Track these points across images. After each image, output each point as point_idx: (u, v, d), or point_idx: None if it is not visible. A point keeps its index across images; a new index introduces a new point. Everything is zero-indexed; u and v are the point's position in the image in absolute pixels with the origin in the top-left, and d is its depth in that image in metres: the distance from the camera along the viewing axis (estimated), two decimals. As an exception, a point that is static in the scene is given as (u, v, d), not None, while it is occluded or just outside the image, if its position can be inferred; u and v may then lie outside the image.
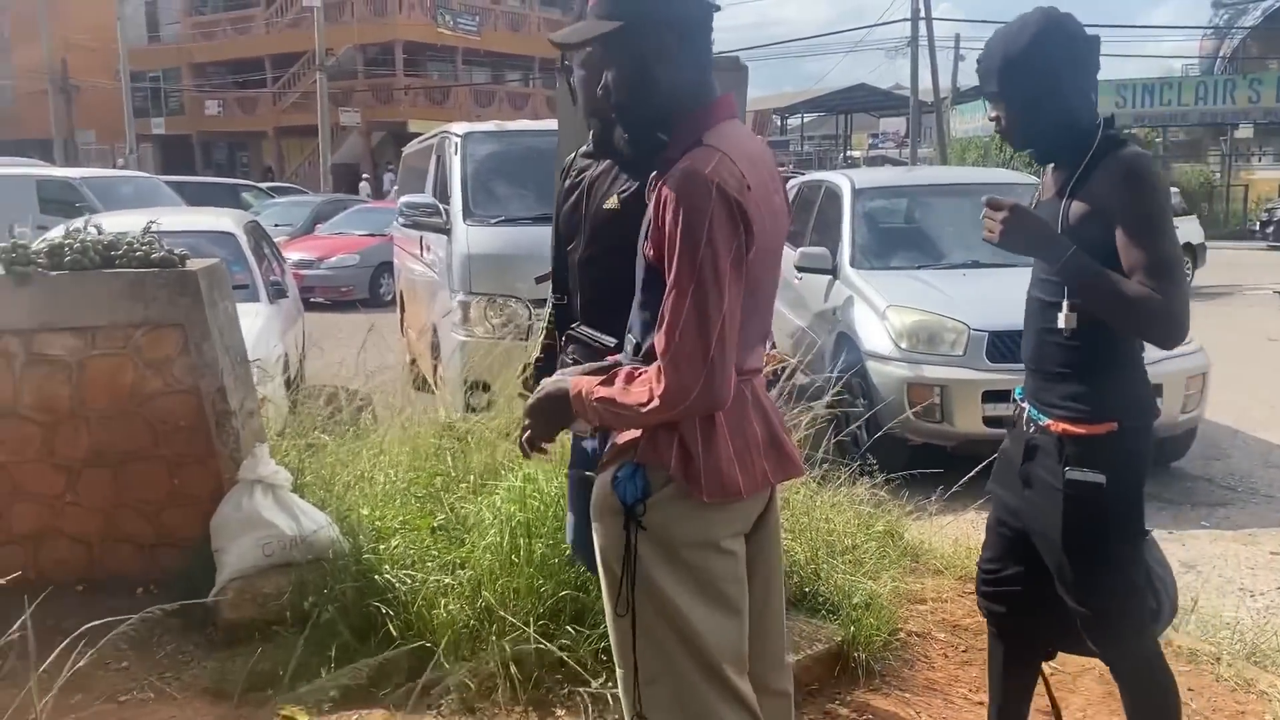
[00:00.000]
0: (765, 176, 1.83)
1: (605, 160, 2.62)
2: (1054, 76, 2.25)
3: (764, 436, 1.89)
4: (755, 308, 1.84)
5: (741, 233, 1.71)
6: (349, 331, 10.09)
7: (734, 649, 1.87)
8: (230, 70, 38.70)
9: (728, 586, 1.86)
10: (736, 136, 1.82)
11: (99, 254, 3.59)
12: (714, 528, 1.84)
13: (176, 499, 3.69)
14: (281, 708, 2.99)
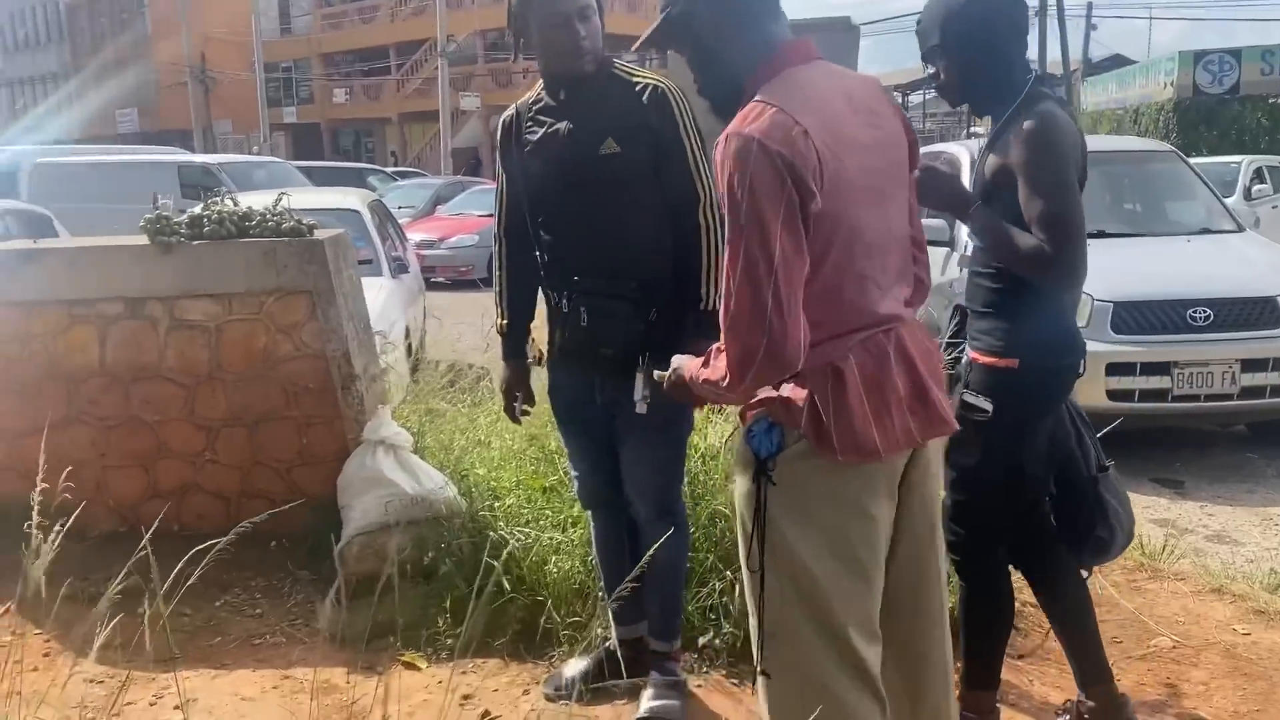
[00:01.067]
0: (842, 110, 1.76)
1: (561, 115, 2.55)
2: (990, 30, 2.39)
3: (909, 390, 1.79)
4: (870, 250, 1.76)
5: (790, 184, 1.65)
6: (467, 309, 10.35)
7: (860, 613, 1.83)
8: (357, 59, 39.93)
9: (859, 549, 1.82)
10: (798, 81, 1.76)
11: (234, 224, 3.79)
12: (847, 487, 1.79)
13: (305, 458, 3.87)
14: (402, 654, 3.14)
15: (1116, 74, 30.16)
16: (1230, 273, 5.75)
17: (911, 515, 1.90)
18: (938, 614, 2.00)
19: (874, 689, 1.86)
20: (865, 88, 1.87)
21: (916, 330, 1.87)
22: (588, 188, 2.50)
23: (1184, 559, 3.99)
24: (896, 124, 1.87)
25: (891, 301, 1.81)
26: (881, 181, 1.79)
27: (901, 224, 1.86)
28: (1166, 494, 5.18)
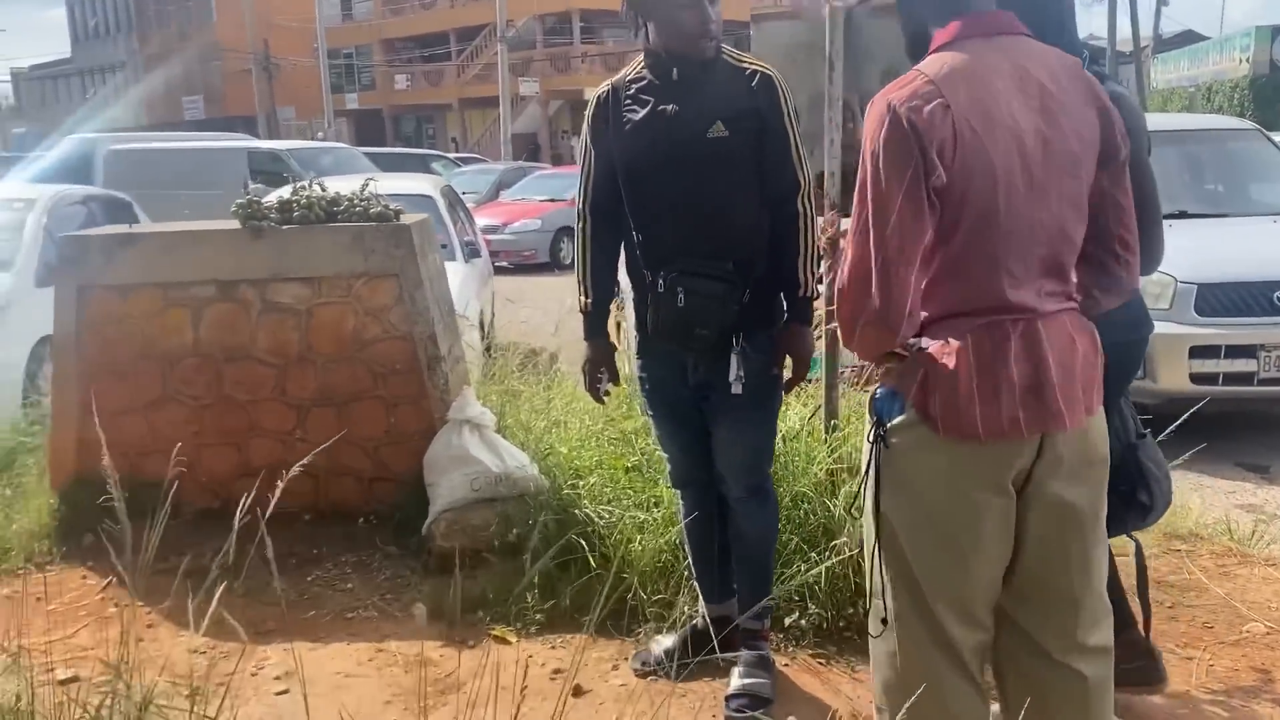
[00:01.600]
0: (1005, 91, 1.71)
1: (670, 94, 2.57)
2: (1042, 9, 2.31)
3: (1026, 382, 1.76)
4: (1006, 237, 1.73)
5: (917, 155, 1.65)
6: (532, 293, 10.47)
7: (952, 593, 1.84)
8: (417, 45, 40.26)
9: (954, 529, 1.82)
10: (967, 54, 1.73)
11: (323, 210, 3.88)
12: (948, 465, 1.80)
13: (392, 437, 3.95)
14: (492, 628, 3.20)
15: (1189, 50, 29.37)
16: (1320, 253, 5.61)
17: (1033, 513, 1.85)
18: (1070, 628, 1.90)
19: (968, 675, 1.88)
20: (1052, 72, 1.78)
21: (1065, 328, 1.81)
22: (692, 169, 2.52)
23: (1274, 544, 3.92)
24: (1084, 113, 1.79)
25: (1030, 293, 1.77)
26: (1035, 170, 1.73)
27: (1058, 217, 1.78)
28: (1252, 479, 5.08)
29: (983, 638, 1.90)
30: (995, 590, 1.88)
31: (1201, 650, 3.10)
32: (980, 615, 1.88)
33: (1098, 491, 1.91)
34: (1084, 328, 1.85)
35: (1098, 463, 1.90)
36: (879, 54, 3.23)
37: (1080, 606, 1.90)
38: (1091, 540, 1.90)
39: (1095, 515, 1.91)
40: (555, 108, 37.52)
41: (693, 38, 2.51)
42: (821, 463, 3.28)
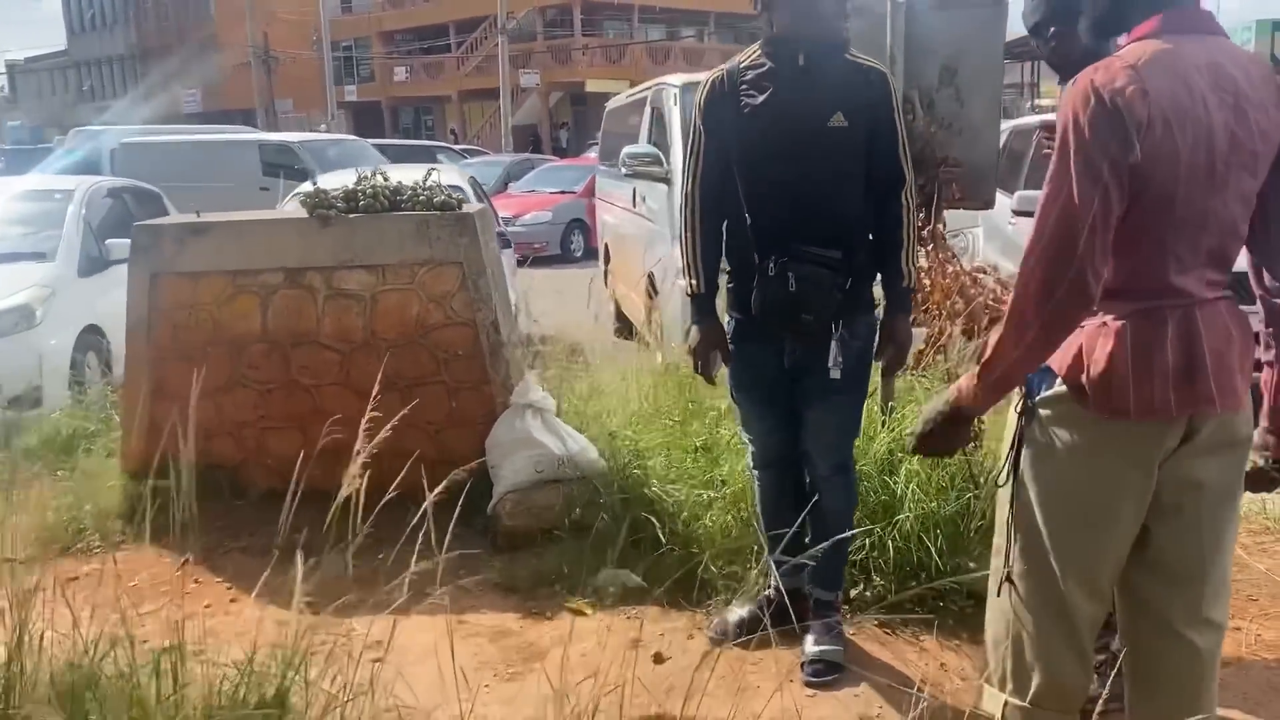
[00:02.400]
0: (1198, 85, 1.78)
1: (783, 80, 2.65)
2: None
3: (1180, 366, 1.83)
4: (1178, 224, 1.82)
5: (1121, 130, 1.73)
6: (544, 285, 10.57)
7: (1080, 565, 1.93)
8: (416, 37, 40.27)
9: (1090, 504, 1.90)
10: (1166, 47, 1.80)
11: (387, 199, 3.99)
12: (1099, 441, 1.88)
13: (455, 421, 4.07)
14: (569, 600, 3.33)
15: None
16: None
17: (1170, 489, 1.91)
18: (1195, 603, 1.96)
19: (1078, 645, 1.96)
20: (1246, 73, 1.84)
21: (1221, 315, 1.88)
22: (812, 156, 2.63)
23: (1307, 523, 4.06)
24: (1273, 116, 1.84)
25: (1192, 280, 1.85)
26: (1218, 163, 1.80)
27: (1231, 210, 1.85)
28: None
29: (1099, 610, 1.98)
30: (1121, 564, 1.95)
31: (1248, 621, 3.24)
32: (1104, 587, 1.96)
33: (1236, 472, 1.97)
34: (1239, 317, 1.91)
35: (1241, 443, 1.96)
36: (938, 48, 3.35)
37: (1207, 581, 1.96)
38: (1224, 518, 1.96)
39: (1231, 494, 1.97)
40: (556, 99, 37.57)
41: (828, 19, 2.59)
42: (881, 442, 3.40)
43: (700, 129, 2.75)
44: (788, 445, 2.90)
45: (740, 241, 2.77)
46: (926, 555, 3.19)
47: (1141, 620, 2.00)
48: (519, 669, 3.04)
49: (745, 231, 2.74)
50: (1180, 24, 1.82)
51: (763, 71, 2.68)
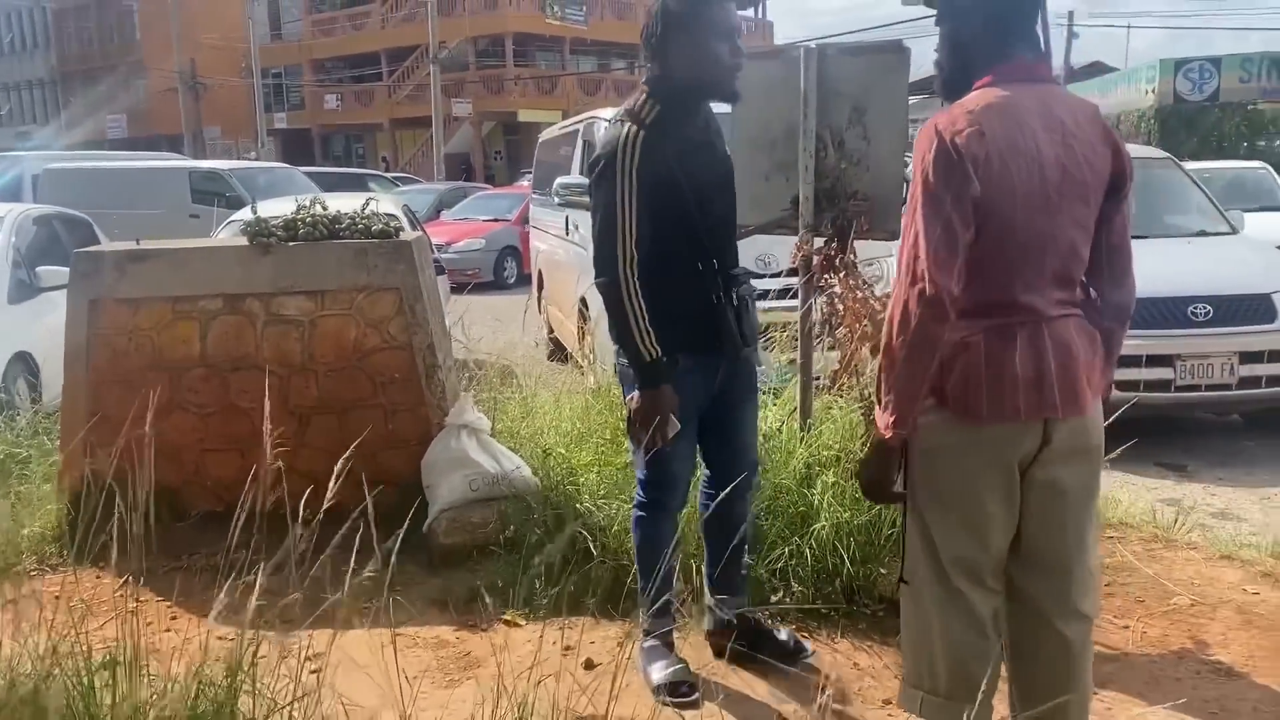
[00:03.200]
0: (1030, 125, 2.01)
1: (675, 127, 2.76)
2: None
3: (1030, 375, 2.04)
4: (1021, 248, 2.03)
5: (959, 168, 1.97)
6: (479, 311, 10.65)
7: (960, 556, 2.15)
8: (348, 65, 40.16)
9: (966, 501, 2.11)
10: (1003, 93, 2.05)
11: (326, 227, 4.12)
12: (967, 442, 2.10)
13: (391, 442, 4.19)
14: (504, 613, 3.47)
15: (1099, 80, 30.66)
16: (1228, 272, 6.14)
17: (1034, 491, 2.12)
18: (1064, 594, 2.16)
19: (979, 636, 2.16)
20: (1073, 114, 2.09)
21: (1068, 330, 2.10)
22: (729, 192, 2.87)
23: (1193, 532, 4.36)
24: (1099, 151, 2.09)
25: (1038, 298, 2.07)
26: (1051, 193, 2.03)
27: (1069, 235, 2.07)
28: (1171, 476, 5.57)
29: (993, 601, 2.19)
30: (1002, 558, 2.17)
31: (1136, 620, 3.50)
32: (989, 580, 2.18)
33: (1092, 475, 2.19)
34: (1085, 332, 2.15)
35: (1093, 449, 2.17)
36: (847, 90, 3.59)
37: (1073, 574, 2.17)
38: (1084, 517, 2.17)
39: (1089, 495, 2.19)
40: (488, 128, 37.71)
41: (728, 69, 2.72)
42: (799, 457, 3.61)
43: (634, 189, 2.66)
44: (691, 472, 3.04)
45: (694, 283, 2.79)
46: (841, 562, 3.39)
47: (1018, 610, 2.22)
48: (456, 677, 3.18)
49: (700, 273, 2.79)
50: (1015, 75, 2.09)
51: (673, 118, 2.75)
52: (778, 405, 4.00)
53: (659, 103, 2.75)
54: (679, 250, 2.76)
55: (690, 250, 2.79)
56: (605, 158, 2.70)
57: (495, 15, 35.83)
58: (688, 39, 2.69)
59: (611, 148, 2.69)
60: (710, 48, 2.69)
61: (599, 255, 2.72)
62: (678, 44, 2.71)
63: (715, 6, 2.69)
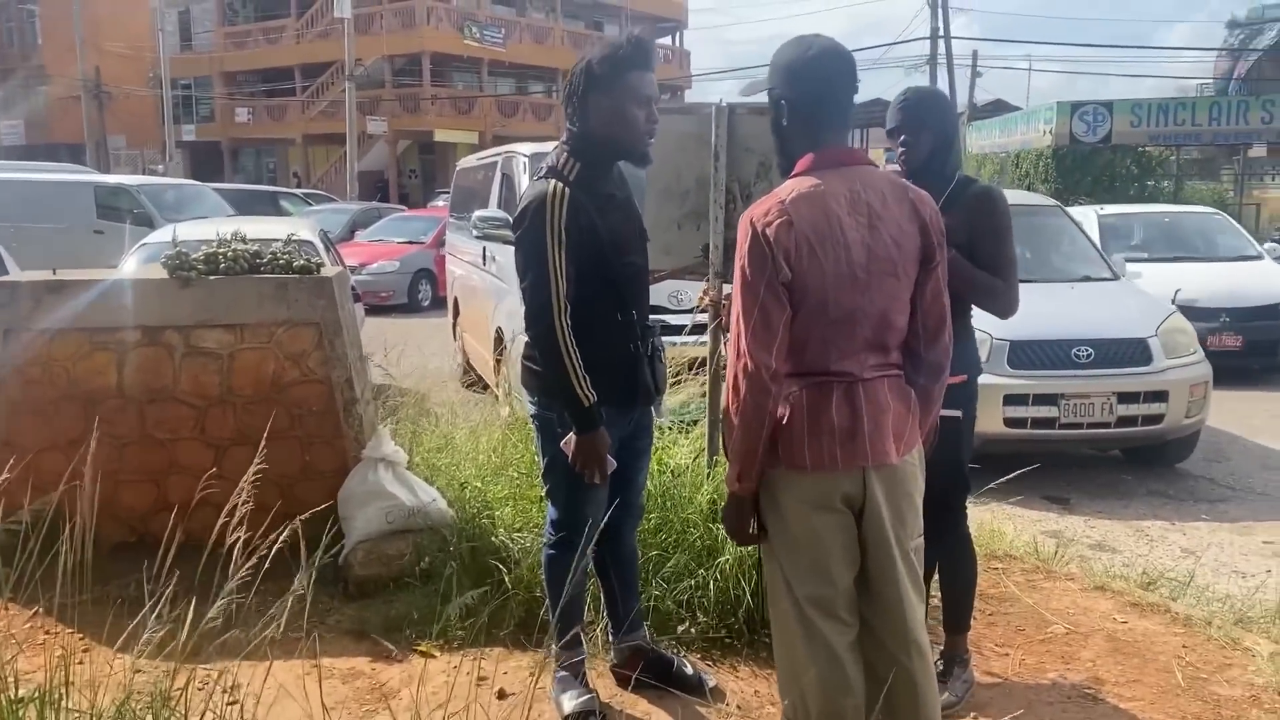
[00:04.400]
0: (836, 211, 2.24)
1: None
2: (952, 125, 3.28)
3: (844, 428, 2.27)
4: (834, 322, 2.26)
5: (769, 257, 2.22)
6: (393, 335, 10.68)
7: (811, 594, 2.35)
8: (261, 79, 39.54)
9: (803, 541, 2.33)
10: (814, 181, 2.28)
11: (247, 261, 4.18)
12: (798, 490, 2.33)
13: (308, 474, 4.25)
14: (418, 644, 3.57)
15: (1000, 120, 31.80)
16: (1108, 316, 6.54)
17: (864, 533, 2.34)
18: (901, 627, 2.35)
19: (836, 657, 2.34)
20: (881, 197, 2.31)
21: (882, 390, 2.32)
22: (643, 245, 3.03)
23: (1071, 563, 4.67)
24: (906, 230, 2.30)
25: (852, 363, 2.30)
26: (859, 272, 2.26)
27: (880, 307, 2.29)
28: (1055, 509, 5.91)
29: (852, 635, 2.39)
30: (850, 593, 2.37)
31: (1015, 649, 3.75)
32: (843, 614, 2.37)
33: (903, 519, 2.36)
34: (900, 392, 2.37)
35: (905, 497, 2.37)
36: (756, 147, 3.81)
37: (904, 610, 2.36)
38: (903, 557, 2.36)
39: (900, 539, 2.36)
40: (404, 147, 37.51)
41: (642, 135, 2.87)
42: (705, 493, 3.79)
43: (563, 242, 2.75)
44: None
45: (615, 335, 2.91)
46: (744, 593, 3.57)
47: (868, 640, 2.42)
48: (371, 707, 3.27)
49: (620, 324, 2.92)
50: (826, 161, 2.33)
51: (594, 176, 2.88)
52: (687, 442, 4.18)
53: (579, 161, 2.87)
54: (600, 303, 2.87)
55: (610, 303, 2.90)
56: (533, 212, 2.79)
57: (412, 34, 35.71)
58: (607, 102, 2.82)
59: (539, 202, 2.78)
60: (628, 111, 2.83)
61: (532, 306, 2.80)
62: (597, 106, 2.84)
63: (634, 74, 2.83)
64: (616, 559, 3.21)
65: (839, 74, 2.36)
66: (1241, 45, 36.85)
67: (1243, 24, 37.90)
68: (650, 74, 2.88)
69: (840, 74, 2.37)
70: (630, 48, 2.82)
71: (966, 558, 3.36)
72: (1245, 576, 4.86)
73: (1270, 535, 5.50)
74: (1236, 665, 3.63)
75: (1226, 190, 30.31)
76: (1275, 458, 7.04)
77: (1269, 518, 5.79)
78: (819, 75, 2.35)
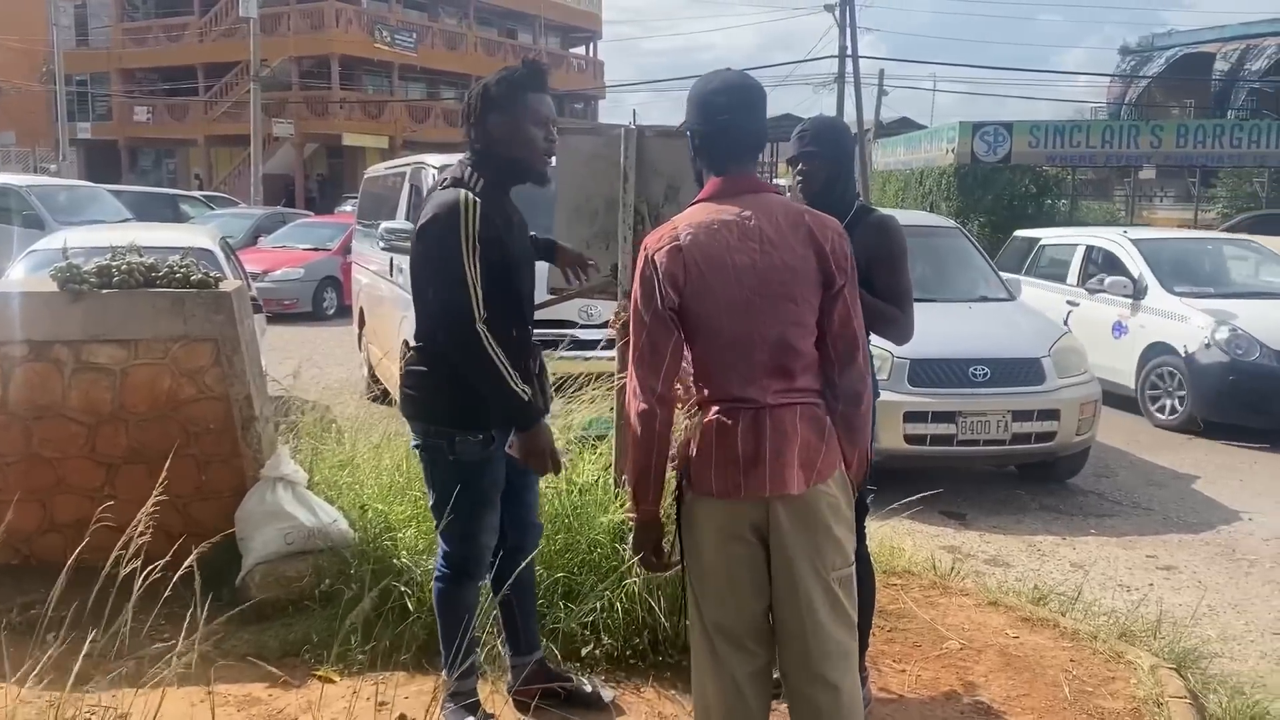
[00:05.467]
0: (727, 239, 2.28)
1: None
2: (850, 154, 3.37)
3: (748, 455, 2.28)
4: (729, 347, 2.29)
5: (658, 283, 2.27)
6: (295, 344, 10.45)
7: (718, 621, 2.38)
8: (161, 77, 38.44)
9: (710, 568, 2.36)
10: (708, 208, 2.33)
11: (142, 275, 4.06)
12: (709, 517, 2.36)
13: (204, 494, 4.15)
14: (317, 669, 3.50)
15: (905, 138, 32.58)
16: (1004, 336, 6.76)
17: (772, 563, 2.34)
18: (805, 660, 2.35)
19: (736, 686, 2.37)
20: (776, 223, 2.32)
21: (789, 417, 2.30)
22: (533, 267, 3.06)
23: (967, 579, 4.80)
24: (800, 254, 2.31)
25: (755, 389, 2.30)
26: (752, 297, 2.28)
27: (777, 331, 2.29)
28: (952, 524, 6.07)
29: (758, 664, 2.40)
30: (758, 623, 2.38)
31: (912, 664, 3.84)
32: (748, 644, 2.38)
33: (817, 550, 2.32)
34: (813, 420, 2.33)
35: (819, 526, 2.33)
36: (664, 169, 3.84)
37: (809, 643, 2.33)
38: (814, 589, 2.32)
39: (817, 569, 2.32)
40: (311, 150, 36.80)
41: (541, 156, 2.90)
42: (613, 512, 3.80)
43: (476, 249, 2.73)
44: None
45: (511, 351, 2.82)
46: (650, 614, 3.59)
47: (781, 673, 2.46)
48: (268, 735, 3.19)
49: (515, 341, 2.88)
50: (726, 190, 2.38)
51: (495, 194, 2.86)
52: (594, 458, 4.19)
53: (483, 178, 2.86)
54: (499, 319, 2.81)
55: (508, 319, 2.88)
56: (445, 218, 2.74)
57: (321, 36, 35.09)
58: (506, 122, 2.84)
59: (451, 209, 2.73)
60: (526, 131, 2.85)
61: (450, 312, 2.74)
62: (496, 125, 2.85)
63: (531, 95, 2.85)
64: (517, 581, 3.10)
65: (740, 105, 2.41)
66: (1133, 72, 38.41)
67: (1134, 50, 39.54)
68: (546, 96, 2.91)
69: (742, 105, 2.41)
70: (525, 70, 2.86)
71: (865, 578, 3.41)
72: (1130, 590, 5.06)
73: (1154, 549, 5.74)
74: (1119, 678, 3.77)
75: (1118, 210, 31.56)
76: (1159, 474, 7.35)
77: (1152, 532, 6.04)
78: (720, 107, 2.40)
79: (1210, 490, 6.94)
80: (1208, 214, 27.89)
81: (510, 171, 2.92)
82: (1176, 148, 27.79)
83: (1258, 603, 5.04)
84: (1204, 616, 4.67)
